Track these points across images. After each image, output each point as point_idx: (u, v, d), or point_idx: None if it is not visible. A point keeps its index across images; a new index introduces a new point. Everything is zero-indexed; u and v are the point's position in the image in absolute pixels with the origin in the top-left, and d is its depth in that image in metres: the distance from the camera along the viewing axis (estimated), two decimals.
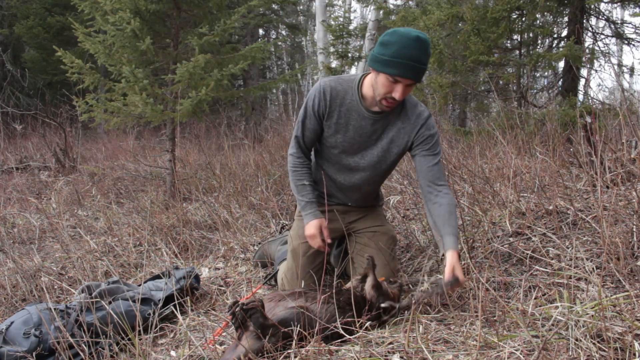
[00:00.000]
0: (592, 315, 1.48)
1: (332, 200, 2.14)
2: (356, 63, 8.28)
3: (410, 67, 1.70)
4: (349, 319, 1.64)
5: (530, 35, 5.47)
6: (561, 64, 5.22)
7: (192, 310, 2.07)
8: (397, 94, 1.75)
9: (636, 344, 1.33)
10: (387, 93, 1.78)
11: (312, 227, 1.99)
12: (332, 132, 1.96)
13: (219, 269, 2.66)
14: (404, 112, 1.94)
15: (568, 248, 1.99)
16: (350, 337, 1.60)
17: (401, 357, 1.44)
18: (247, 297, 2.07)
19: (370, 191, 2.14)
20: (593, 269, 1.79)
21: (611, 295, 1.61)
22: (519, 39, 5.22)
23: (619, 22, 5.27)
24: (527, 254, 2.04)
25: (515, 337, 1.49)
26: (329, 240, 2.00)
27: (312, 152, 2.12)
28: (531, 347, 1.42)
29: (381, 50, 1.73)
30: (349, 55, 8.12)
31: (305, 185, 2.03)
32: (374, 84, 1.82)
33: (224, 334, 1.80)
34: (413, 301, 1.76)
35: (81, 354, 1.56)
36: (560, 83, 5.16)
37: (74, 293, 2.31)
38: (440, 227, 1.83)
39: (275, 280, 2.31)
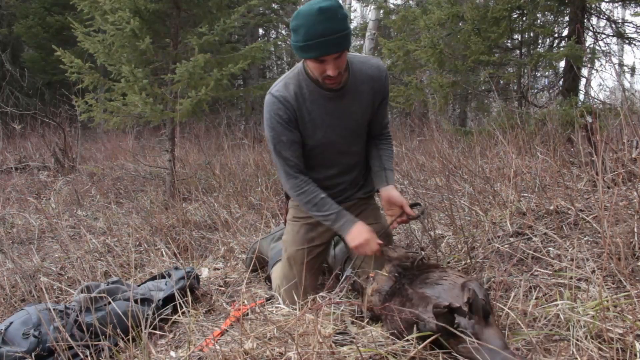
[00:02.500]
0: (593, 316, 1.48)
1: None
2: None
3: (324, 43, 1.61)
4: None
5: (531, 34, 5.47)
6: (562, 64, 5.22)
7: (191, 310, 2.07)
8: (330, 71, 1.68)
9: (637, 345, 1.32)
10: (322, 73, 1.72)
11: (359, 233, 1.80)
12: (310, 132, 1.87)
13: (218, 269, 2.66)
14: (361, 72, 1.87)
15: (569, 248, 1.98)
16: None
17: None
18: (251, 306, 2.05)
19: (361, 155, 2.07)
20: (594, 269, 1.78)
21: (612, 296, 1.60)
22: (519, 39, 5.22)
23: (619, 21, 5.26)
24: (529, 253, 2.04)
25: (516, 337, 1.48)
26: (379, 241, 1.82)
27: None
28: (532, 347, 1.41)
29: (294, 37, 1.67)
30: None
31: (323, 198, 1.86)
32: (310, 69, 1.77)
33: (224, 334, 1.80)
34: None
35: (80, 354, 1.56)
36: (561, 83, 5.15)
37: (73, 293, 2.31)
38: (385, 161, 1.97)
39: (271, 281, 2.26)
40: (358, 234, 1.81)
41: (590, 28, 5.11)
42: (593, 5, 4.75)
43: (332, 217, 1.85)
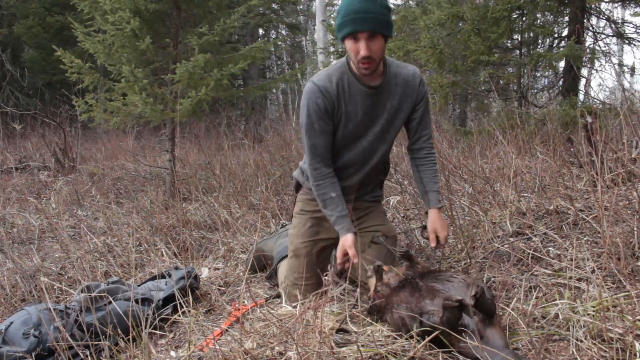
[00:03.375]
0: (593, 316, 1.48)
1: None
2: None
3: (359, 19, 1.69)
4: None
5: (531, 35, 5.47)
6: (562, 64, 5.22)
7: (191, 310, 2.07)
8: (362, 50, 1.73)
9: (637, 344, 1.33)
10: (356, 55, 1.77)
11: (345, 241, 1.86)
12: (343, 123, 1.92)
13: (218, 269, 2.66)
14: (396, 75, 1.92)
15: (569, 248, 1.98)
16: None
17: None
18: (251, 306, 2.05)
19: (383, 161, 2.11)
20: (594, 269, 1.79)
21: (612, 296, 1.60)
22: (519, 39, 5.22)
23: (619, 21, 5.26)
24: (529, 253, 2.04)
25: (516, 337, 1.48)
26: (355, 260, 1.85)
27: None
28: (532, 347, 1.41)
29: (337, 20, 1.77)
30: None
31: (333, 197, 1.91)
32: (349, 56, 1.82)
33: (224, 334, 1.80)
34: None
35: (80, 354, 1.56)
36: (560, 83, 5.15)
37: (73, 293, 2.31)
38: (426, 183, 2.00)
39: (277, 276, 2.28)
40: (344, 241, 1.86)
41: (590, 28, 5.11)
42: (593, 6, 4.75)
43: (333, 218, 1.91)
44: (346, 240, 1.86)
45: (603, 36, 5.20)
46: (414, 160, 2.04)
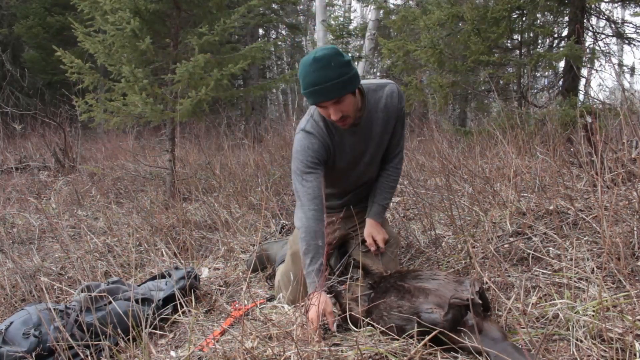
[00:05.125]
0: (593, 316, 1.48)
1: (334, 210, 2.13)
2: (356, 63, 8.26)
3: (319, 91, 1.69)
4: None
5: (531, 35, 5.47)
6: (562, 64, 5.23)
7: (192, 310, 2.07)
8: (332, 115, 1.76)
9: (637, 344, 1.33)
10: (328, 117, 1.79)
11: (313, 310, 1.66)
12: (337, 157, 1.96)
13: (218, 269, 2.66)
14: (375, 102, 1.93)
15: (568, 248, 1.98)
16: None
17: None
18: (251, 306, 2.05)
19: (373, 179, 2.15)
20: (593, 269, 1.79)
21: (612, 296, 1.60)
22: (519, 39, 5.22)
23: (619, 21, 5.27)
24: (529, 253, 2.04)
25: (516, 336, 1.48)
26: (333, 329, 1.67)
27: None
28: (532, 347, 1.41)
29: (301, 85, 1.77)
30: (350, 55, 8.11)
31: (318, 246, 1.77)
32: None
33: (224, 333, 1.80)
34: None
35: (81, 354, 1.56)
36: (560, 83, 5.15)
37: (73, 293, 2.31)
38: (377, 194, 2.06)
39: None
40: (313, 311, 1.66)
41: (590, 28, 5.12)
42: (593, 6, 4.76)
43: (308, 269, 1.78)
44: (313, 310, 1.65)
45: (603, 36, 5.21)
46: (383, 167, 2.10)
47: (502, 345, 1.34)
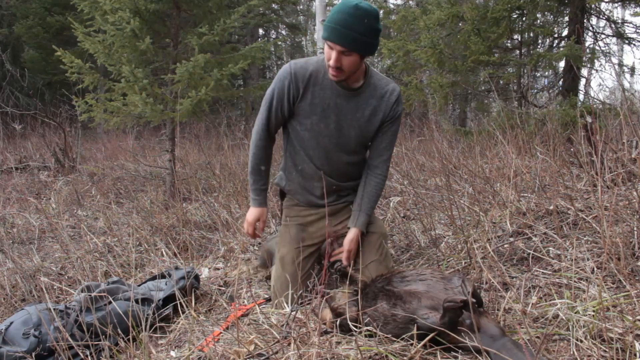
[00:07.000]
0: (593, 315, 1.48)
1: (316, 206, 2.09)
2: None
3: (338, 32, 1.69)
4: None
5: (531, 35, 5.48)
6: (562, 64, 5.23)
7: (192, 310, 2.07)
8: (332, 60, 1.75)
9: (637, 344, 1.33)
10: (328, 60, 1.77)
11: (252, 214, 2.06)
12: (307, 113, 1.92)
13: (219, 269, 2.66)
14: (378, 89, 1.94)
15: (569, 248, 1.98)
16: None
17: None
18: (251, 306, 2.05)
19: (355, 171, 2.09)
20: (593, 269, 1.79)
21: (612, 296, 1.60)
22: (519, 39, 5.22)
23: (619, 21, 5.27)
24: (529, 252, 2.04)
25: (515, 336, 1.48)
26: (259, 235, 2.10)
27: (285, 148, 2.08)
28: (532, 347, 1.41)
29: (328, 17, 1.77)
30: None
31: (262, 170, 2.04)
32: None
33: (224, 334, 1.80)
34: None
35: (80, 354, 1.56)
36: (560, 83, 5.16)
37: (73, 293, 2.31)
38: (364, 202, 2.03)
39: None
40: (252, 214, 2.07)
41: (590, 28, 5.12)
42: (593, 6, 4.76)
43: (253, 187, 2.07)
44: (253, 214, 2.06)
45: (603, 36, 5.21)
46: (365, 175, 2.06)
47: (501, 342, 1.35)
